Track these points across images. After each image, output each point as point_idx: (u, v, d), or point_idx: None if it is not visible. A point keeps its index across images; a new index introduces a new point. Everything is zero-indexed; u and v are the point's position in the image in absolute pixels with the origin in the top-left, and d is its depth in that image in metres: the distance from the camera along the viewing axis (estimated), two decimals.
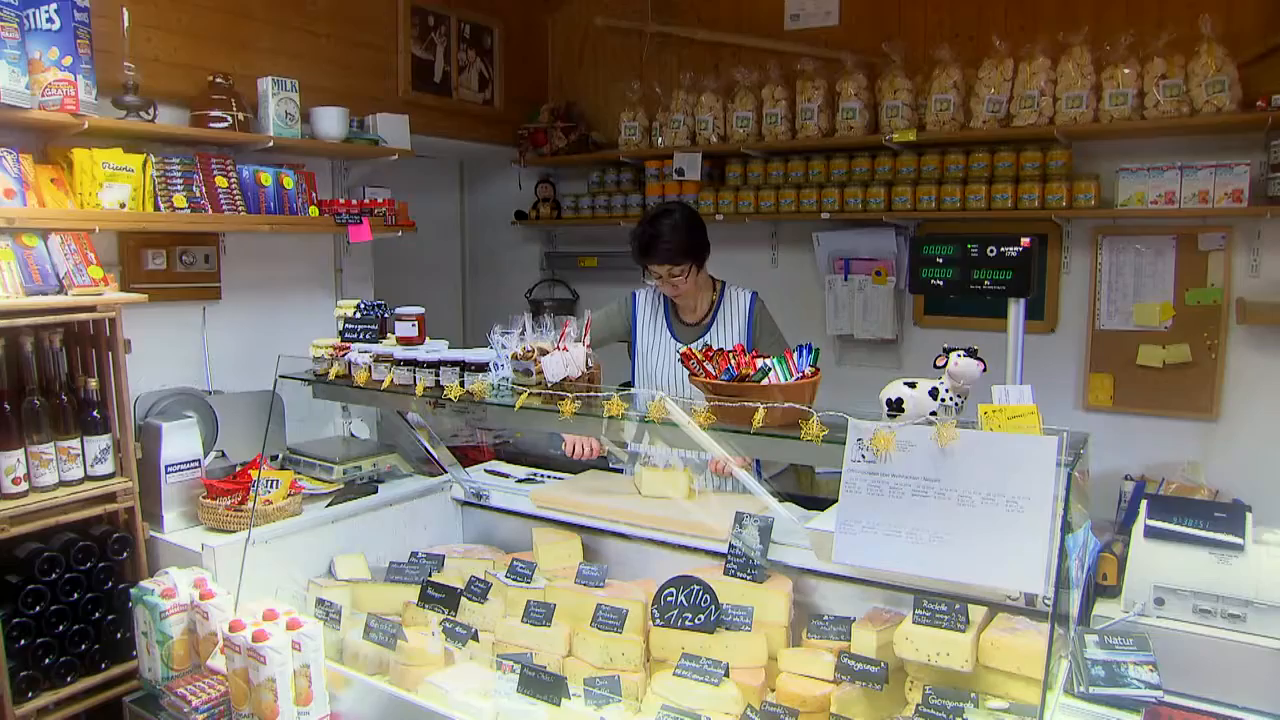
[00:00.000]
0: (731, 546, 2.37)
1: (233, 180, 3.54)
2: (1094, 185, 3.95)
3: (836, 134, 4.48)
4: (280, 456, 3.38)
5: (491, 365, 2.31)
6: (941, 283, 2.45)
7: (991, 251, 2.36)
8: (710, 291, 3.35)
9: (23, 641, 2.67)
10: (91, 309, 2.86)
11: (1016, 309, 2.44)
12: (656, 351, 3.35)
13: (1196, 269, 3.95)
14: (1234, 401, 3.94)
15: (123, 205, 3.14)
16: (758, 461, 3.24)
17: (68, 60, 2.93)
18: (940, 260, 2.44)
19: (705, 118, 4.80)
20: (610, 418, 2.03)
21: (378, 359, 2.52)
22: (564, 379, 2.16)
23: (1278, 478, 3.71)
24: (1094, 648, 1.88)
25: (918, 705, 1.82)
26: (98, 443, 2.86)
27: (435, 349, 2.53)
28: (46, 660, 2.73)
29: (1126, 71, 3.78)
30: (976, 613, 1.97)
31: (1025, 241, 2.35)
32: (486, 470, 3.47)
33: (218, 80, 3.55)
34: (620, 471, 3.38)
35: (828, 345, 4.76)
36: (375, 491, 3.08)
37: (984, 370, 1.71)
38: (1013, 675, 1.89)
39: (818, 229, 4.72)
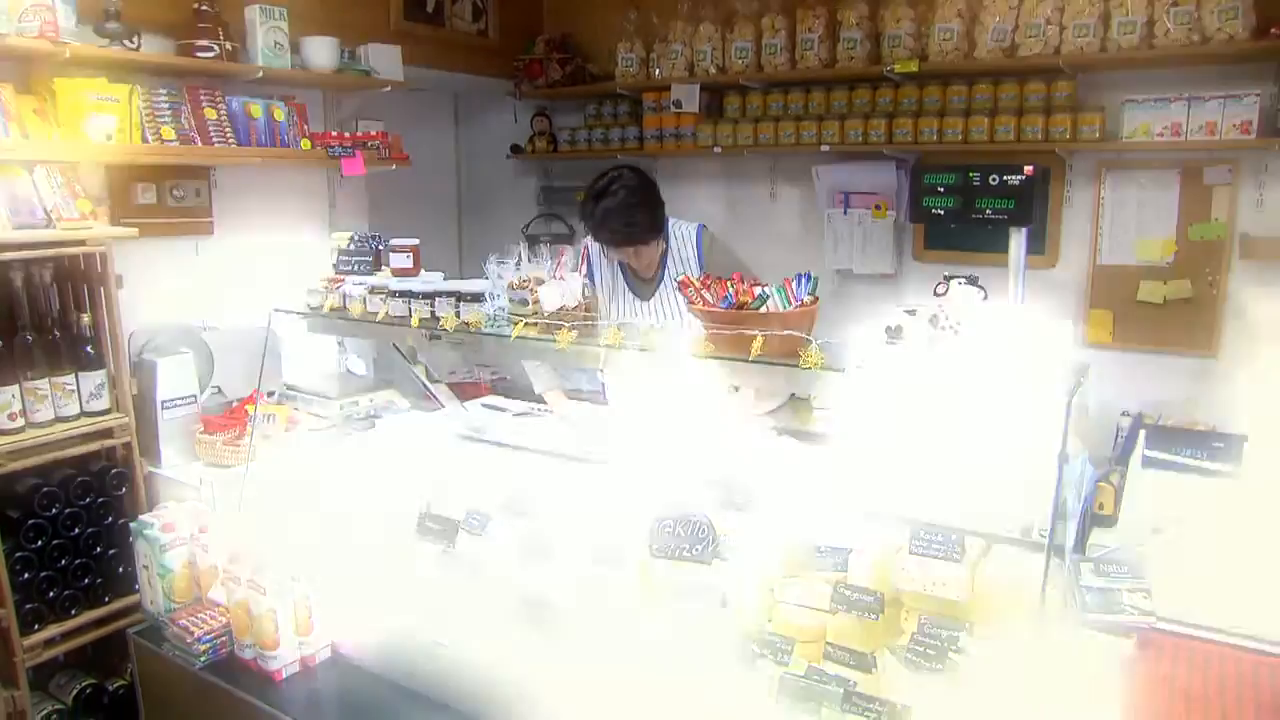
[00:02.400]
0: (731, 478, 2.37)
1: (222, 112, 3.46)
2: (1099, 117, 3.88)
3: (837, 65, 4.38)
4: (277, 392, 3.38)
5: (487, 296, 2.28)
6: (943, 211, 2.41)
7: (994, 180, 2.32)
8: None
9: (26, 575, 2.71)
10: (81, 243, 2.82)
11: (1018, 238, 2.41)
12: (617, 308, 3.20)
13: (1200, 203, 3.90)
14: (1234, 338, 3.92)
15: (109, 137, 3.07)
16: None
17: None
18: (942, 189, 2.40)
19: (704, 48, 4.70)
20: (608, 346, 2.01)
21: (373, 291, 2.49)
22: (560, 308, 2.14)
23: (1276, 415, 3.70)
24: (1089, 575, 1.90)
25: (913, 634, 1.83)
26: (92, 378, 2.85)
27: (430, 280, 2.50)
28: (50, 593, 2.77)
29: None
30: (973, 544, 1.98)
31: (1028, 170, 2.31)
32: (484, 405, 3.46)
33: (203, 8, 3.45)
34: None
35: (827, 279, 4.72)
36: (373, 426, 3.07)
37: (984, 298, 1.69)
38: (1008, 605, 1.90)
39: (817, 162, 4.65)
